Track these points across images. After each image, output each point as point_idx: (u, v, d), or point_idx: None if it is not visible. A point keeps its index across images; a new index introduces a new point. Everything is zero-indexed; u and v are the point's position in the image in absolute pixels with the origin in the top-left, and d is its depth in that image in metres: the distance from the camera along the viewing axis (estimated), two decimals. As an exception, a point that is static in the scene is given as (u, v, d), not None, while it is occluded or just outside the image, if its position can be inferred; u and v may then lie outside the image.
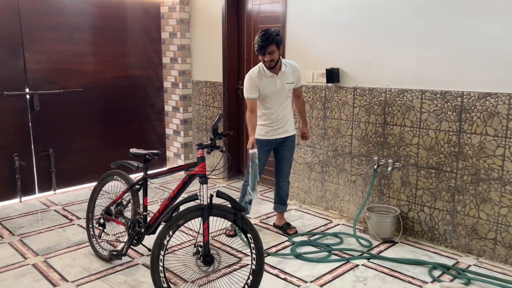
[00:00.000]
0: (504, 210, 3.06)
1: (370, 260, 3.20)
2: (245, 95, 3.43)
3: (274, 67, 3.36)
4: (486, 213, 3.15)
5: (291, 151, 3.66)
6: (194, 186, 3.29)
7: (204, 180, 2.62)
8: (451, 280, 2.91)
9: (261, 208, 4.32)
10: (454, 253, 3.31)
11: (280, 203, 3.77)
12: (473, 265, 3.12)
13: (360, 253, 3.29)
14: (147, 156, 2.98)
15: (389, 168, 3.60)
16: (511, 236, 3.05)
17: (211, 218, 2.54)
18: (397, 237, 3.56)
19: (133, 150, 3.06)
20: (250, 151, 3.03)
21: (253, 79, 3.40)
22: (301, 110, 3.76)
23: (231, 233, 3.64)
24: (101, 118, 5.09)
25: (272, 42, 3.24)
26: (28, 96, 4.49)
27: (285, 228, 3.72)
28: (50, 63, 4.62)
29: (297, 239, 3.57)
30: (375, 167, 3.65)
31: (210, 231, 2.56)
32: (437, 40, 3.26)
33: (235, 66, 5.08)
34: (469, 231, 3.25)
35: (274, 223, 3.86)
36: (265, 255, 3.02)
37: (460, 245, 3.31)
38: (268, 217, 4.06)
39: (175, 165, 5.27)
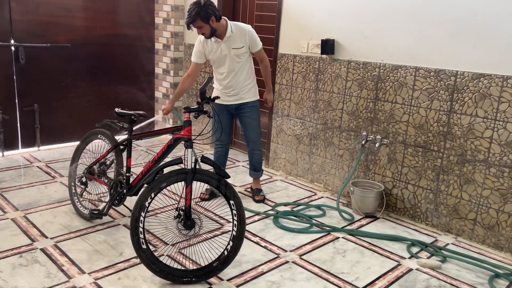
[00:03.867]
0: (487, 192, 3.09)
1: (351, 234, 3.23)
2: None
3: (211, 37, 3.31)
4: (469, 194, 3.18)
5: (253, 118, 3.59)
6: (182, 152, 3.25)
7: (189, 144, 2.58)
8: (428, 257, 2.96)
9: (246, 177, 4.31)
10: (434, 231, 3.35)
11: (254, 170, 3.82)
12: (451, 243, 3.17)
13: (334, 228, 3.31)
14: (132, 117, 2.92)
15: (377, 144, 3.58)
16: (491, 218, 3.09)
17: (195, 183, 2.52)
18: (379, 212, 3.59)
19: (118, 110, 2.99)
20: (159, 116, 3.05)
21: (199, 44, 3.43)
22: (264, 74, 3.63)
23: (205, 197, 3.66)
24: (88, 76, 4.97)
25: (194, 19, 3.17)
26: (13, 48, 4.35)
27: (254, 193, 3.78)
28: (38, 15, 4.46)
29: (280, 209, 3.58)
30: (363, 142, 3.64)
31: (192, 196, 2.54)
32: (436, 17, 3.19)
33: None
34: (450, 210, 3.29)
35: (250, 186, 3.94)
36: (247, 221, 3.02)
37: (441, 223, 3.35)
38: (249, 187, 4.06)
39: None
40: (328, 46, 3.78)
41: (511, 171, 2.96)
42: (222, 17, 3.32)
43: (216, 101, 3.41)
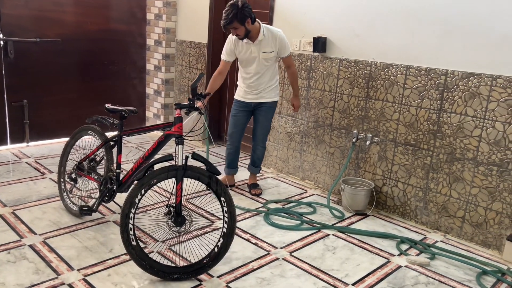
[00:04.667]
0: (475, 190, 3.12)
1: (341, 231, 3.24)
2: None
3: (244, 38, 3.34)
4: (458, 192, 3.21)
5: (266, 117, 3.67)
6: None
7: (180, 141, 2.56)
8: (418, 254, 2.98)
9: (238, 174, 4.30)
10: (423, 229, 3.38)
11: (252, 165, 3.88)
12: (440, 241, 3.20)
13: (325, 225, 3.32)
14: (123, 113, 2.90)
15: (368, 142, 3.60)
16: (479, 216, 3.12)
17: (185, 180, 2.51)
18: (369, 210, 3.61)
19: (108, 106, 2.97)
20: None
21: (230, 42, 3.46)
22: (291, 81, 3.71)
23: None
24: (79, 71, 4.92)
25: (231, 21, 3.22)
26: (1, 42, 4.29)
27: (250, 187, 3.85)
28: (27, 9, 4.40)
29: (271, 206, 3.58)
30: (354, 140, 3.66)
31: (183, 193, 2.53)
32: (428, 16, 3.21)
33: (221, 27, 4.92)
34: (440, 208, 3.31)
35: (247, 183, 3.98)
36: (237, 218, 3.02)
37: (430, 221, 3.38)
38: (245, 183, 4.06)
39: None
40: (320, 44, 3.78)
41: (499, 170, 2.99)
42: (256, 19, 3.34)
43: (238, 98, 3.61)
